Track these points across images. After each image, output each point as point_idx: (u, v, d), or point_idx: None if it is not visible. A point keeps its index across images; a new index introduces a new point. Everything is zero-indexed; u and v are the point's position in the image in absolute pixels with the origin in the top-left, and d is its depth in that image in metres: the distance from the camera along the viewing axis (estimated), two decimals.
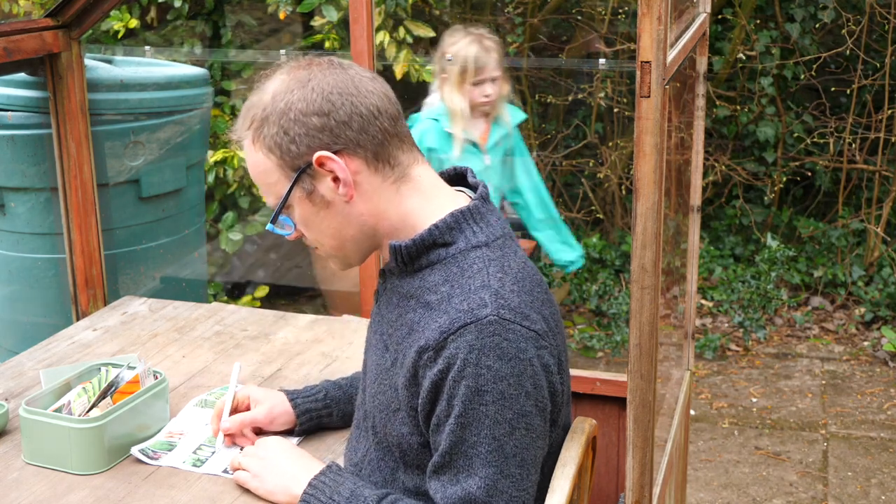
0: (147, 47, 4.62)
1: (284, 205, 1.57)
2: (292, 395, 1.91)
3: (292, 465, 1.68)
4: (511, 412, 1.46)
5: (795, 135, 5.23)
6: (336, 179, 1.53)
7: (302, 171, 1.53)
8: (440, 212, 1.57)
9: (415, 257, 1.56)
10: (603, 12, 5.21)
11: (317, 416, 1.91)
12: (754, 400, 4.20)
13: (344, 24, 4.21)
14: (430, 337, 1.48)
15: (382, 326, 1.63)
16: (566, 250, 3.80)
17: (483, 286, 1.48)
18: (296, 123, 1.51)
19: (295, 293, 5.08)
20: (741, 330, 4.74)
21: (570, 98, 5.33)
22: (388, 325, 1.60)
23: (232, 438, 1.86)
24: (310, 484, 1.61)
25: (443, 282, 1.52)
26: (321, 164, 1.52)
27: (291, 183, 1.54)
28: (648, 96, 1.42)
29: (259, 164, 1.57)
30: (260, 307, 4.01)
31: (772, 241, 4.95)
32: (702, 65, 2.32)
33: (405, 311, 1.56)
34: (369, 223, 1.58)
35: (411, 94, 5.48)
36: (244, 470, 1.72)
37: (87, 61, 2.88)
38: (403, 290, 1.58)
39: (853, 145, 5.11)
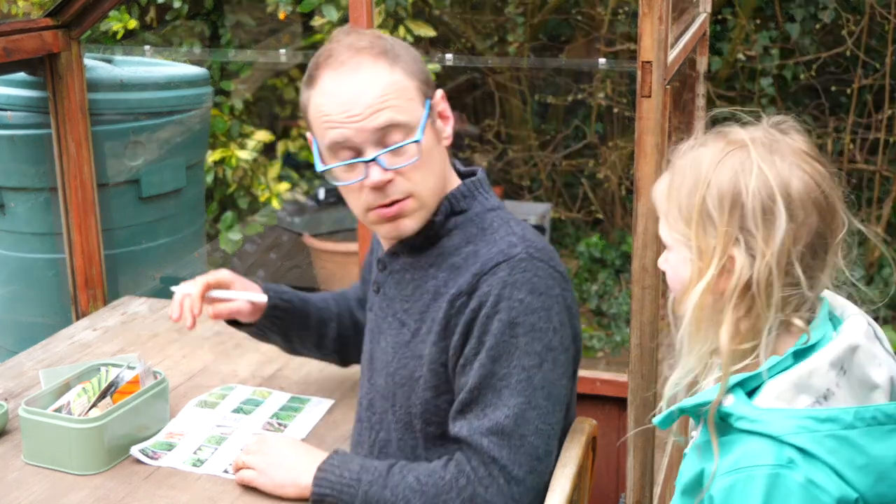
0: (147, 47, 4.62)
1: (424, 127, 1.56)
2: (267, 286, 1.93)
3: (298, 458, 1.69)
4: (540, 344, 1.50)
5: None
6: (444, 117, 1.62)
7: (430, 101, 1.60)
8: (454, 182, 1.65)
9: (439, 227, 1.61)
10: (603, 12, 5.21)
11: (283, 311, 1.91)
12: None
13: (344, 23, 4.20)
14: (462, 283, 1.53)
15: (394, 306, 1.66)
16: None
17: (509, 234, 1.56)
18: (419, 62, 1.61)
19: None
20: None
21: (570, 98, 5.33)
22: (403, 301, 1.64)
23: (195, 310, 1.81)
24: (318, 468, 1.64)
25: (464, 243, 1.58)
26: (442, 98, 1.62)
27: (427, 108, 1.58)
28: (649, 96, 1.42)
29: (398, 81, 1.56)
30: None
31: None
32: (702, 65, 2.32)
33: (423, 281, 1.61)
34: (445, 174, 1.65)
35: None
36: (249, 468, 1.72)
37: (87, 61, 2.88)
38: (420, 263, 1.63)
39: (853, 145, 5.10)
